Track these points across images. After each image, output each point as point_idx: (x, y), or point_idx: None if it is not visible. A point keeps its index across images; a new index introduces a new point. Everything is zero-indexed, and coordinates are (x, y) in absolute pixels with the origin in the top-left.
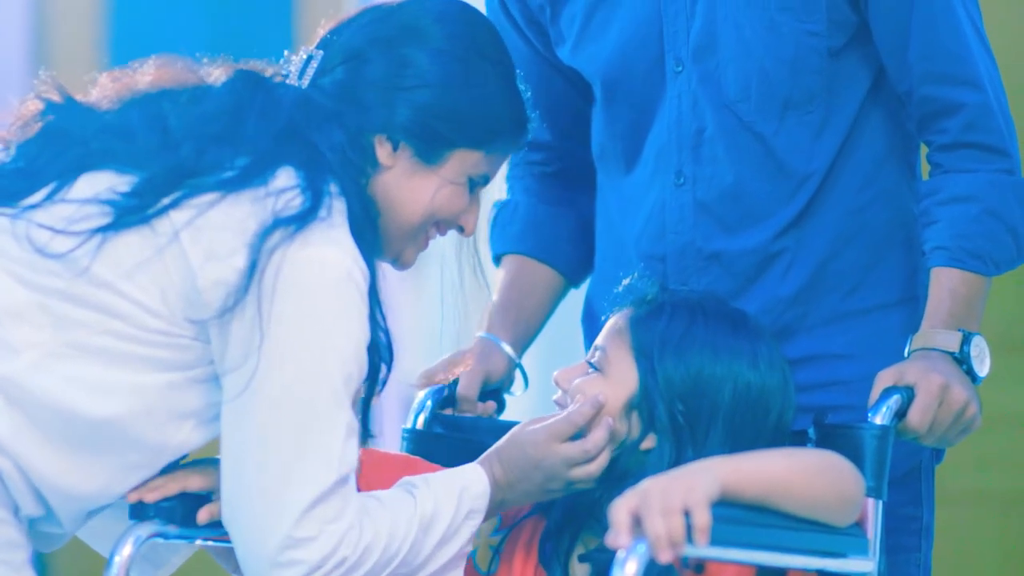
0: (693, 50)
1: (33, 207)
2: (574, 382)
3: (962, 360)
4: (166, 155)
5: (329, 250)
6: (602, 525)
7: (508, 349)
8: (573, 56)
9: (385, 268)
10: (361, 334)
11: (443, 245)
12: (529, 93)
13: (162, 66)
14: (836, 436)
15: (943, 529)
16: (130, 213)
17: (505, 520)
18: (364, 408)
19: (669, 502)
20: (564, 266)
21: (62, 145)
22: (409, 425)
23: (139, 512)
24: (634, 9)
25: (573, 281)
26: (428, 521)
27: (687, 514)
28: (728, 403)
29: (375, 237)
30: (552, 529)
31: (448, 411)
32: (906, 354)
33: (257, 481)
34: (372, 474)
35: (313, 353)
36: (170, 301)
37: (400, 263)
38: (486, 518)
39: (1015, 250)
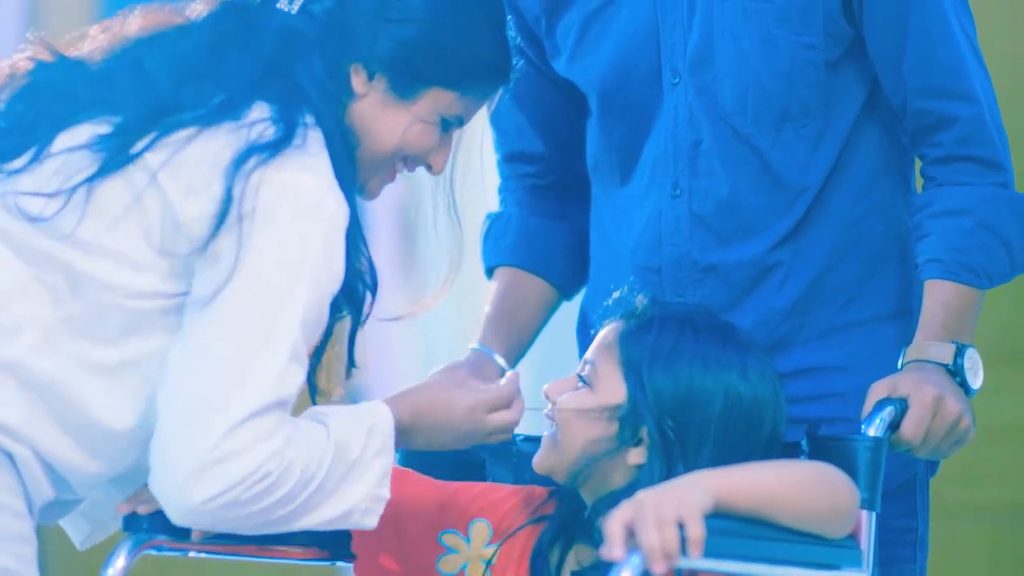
0: (690, 62)
1: (18, 171)
2: (561, 397)
3: (955, 372)
4: (144, 96)
5: (304, 176)
6: (594, 540)
7: (501, 361)
8: (569, 67)
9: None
10: (330, 262)
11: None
12: (518, 40)
13: (149, 12)
14: (829, 448)
15: (937, 541)
16: (112, 156)
17: (498, 533)
18: (351, 339)
19: (663, 514)
20: (557, 279)
21: (50, 101)
22: None
23: (132, 524)
24: (631, 21)
25: (566, 294)
26: (342, 448)
27: (681, 526)
28: (719, 416)
29: (353, 166)
30: (544, 544)
31: None
32: (900, 366)
33: (196, 389)
34: None
35: (279, 277)
36: (154, 243)
37: (365, 193)
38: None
39: (1008, 264)
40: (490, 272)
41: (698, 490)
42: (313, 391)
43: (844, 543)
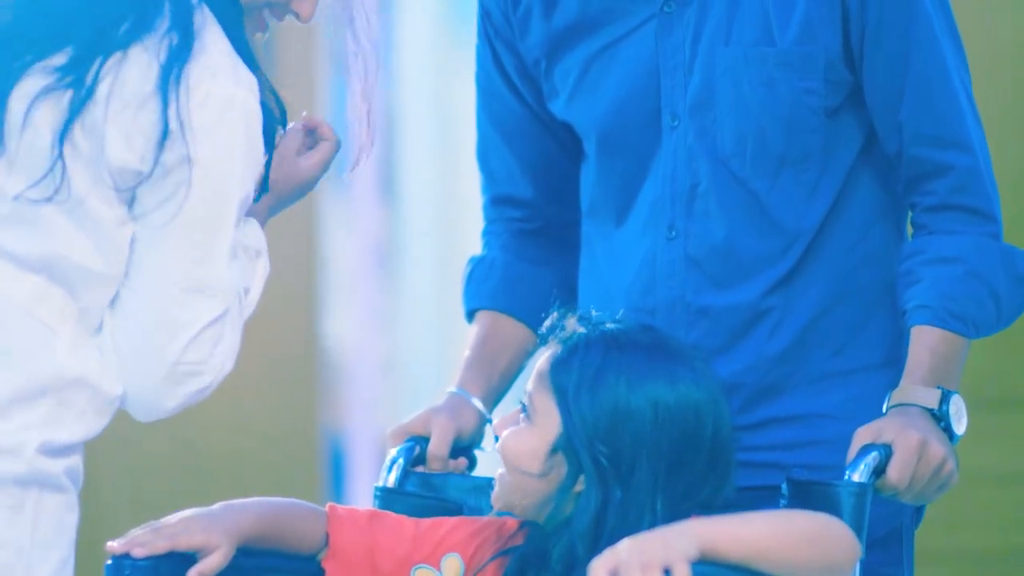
0: (690, 105)
1: None
2: (503, 435)
3: (940, 418)
4: (84, 20)
5: (219, 83)
6: (553, 572)
7: (479, 405)
8: (567, 109)
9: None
10: (255, 154)
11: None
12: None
13: None
14: (813, 493)
15: None
16: (76, 95)
17: (470, 568)
18: (266, 167)
19: (648, 559)
20: (538, 324)
21: None
22: (381, 483)
23: (116, 571)
24: (632, 63)
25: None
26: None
27: (667, 571)
28: (650, 433)
29: (242, 32)
30: None
31: (419, 468)
32: (884, 409)
33: (156, 304)
34: (339, 531)
35: (217, 186)
36: (119, 182)
37: None
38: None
39: (996, 315)
40: (471, 315)
41: (684, 537)
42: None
43: None
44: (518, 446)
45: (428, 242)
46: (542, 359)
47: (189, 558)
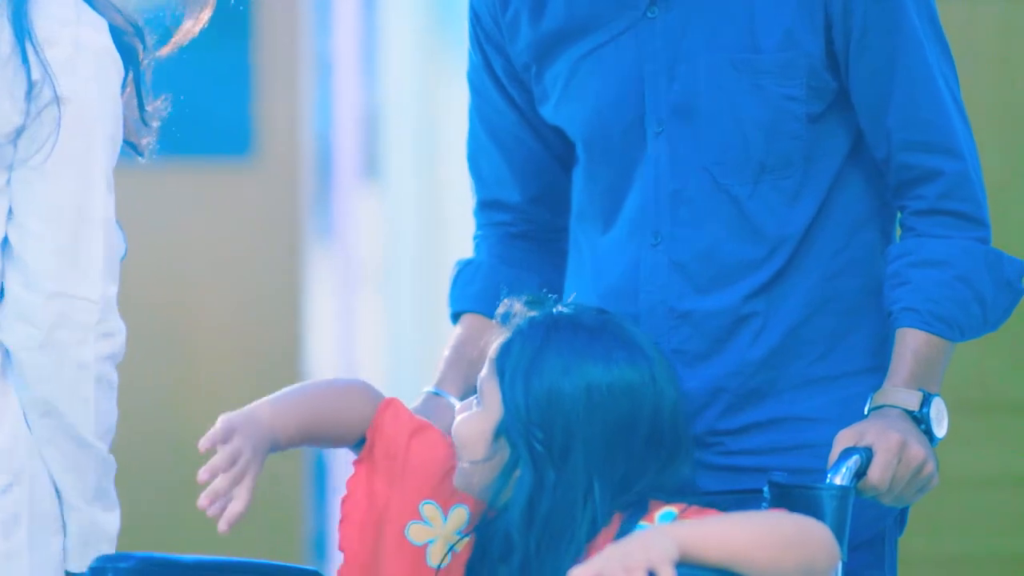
0: (673, 111)
1: None
2: (456, 419)
3: (921, 420)
4: None
5: (68, 27)
6: (510, 567)
7: (455, 403)
8: (556, 114)
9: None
10: (115, 88)
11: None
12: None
13: None
14: (794, 496)
15: None
16: None
17: (473, 522)
18: (138, 84)
19: (630, 562)
20: None
21: None
22: None
23: (98, 574)
24: (616, 69)
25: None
26: None
27: (651, 574)
28: (584, 416)
29: None
30: (475, 556)
31: None
32: (866, 411)
33: (50, 258)
34: (379, 435)
35: (88, 129)
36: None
37: None
38: None
39: (982, 319)
40: (455, 317)
41: (665, 539)
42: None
43: None
44: (466, 431)
45: (411, 245)
46: (494, 343)
47: (165, 562)
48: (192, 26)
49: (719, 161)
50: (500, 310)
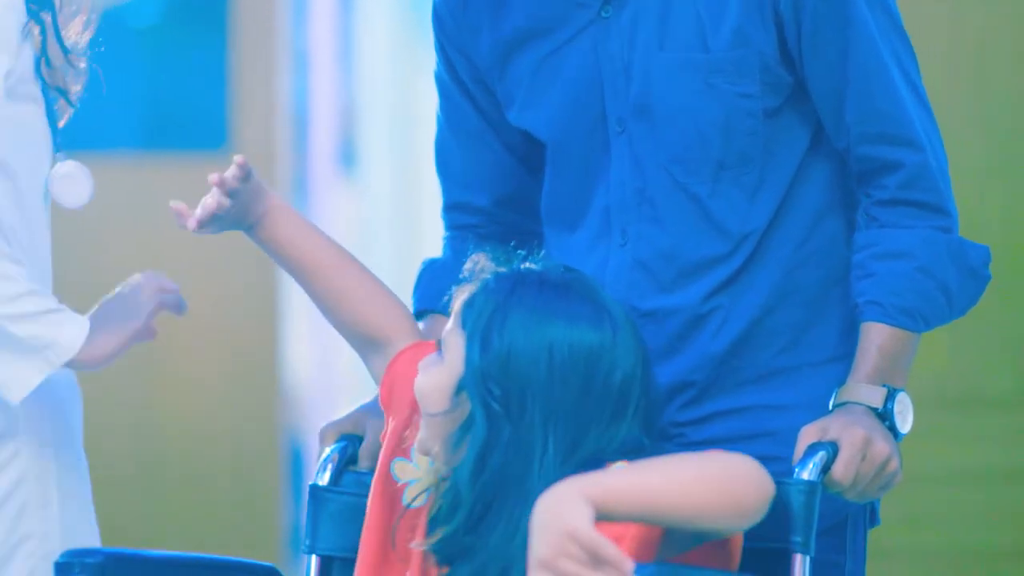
0: (632, 110)
1: None
2: (418, 375)
3: (885, 416)
4: None
5: None
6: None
7: None
8: (521, 117)
9: None
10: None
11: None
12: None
13: None
14: None
15: None
16: None
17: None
18: (56, 27)
19: (553, 541)
20: None
21: None
22: (315, 481)
23: (65, 570)
24: (575, 70)
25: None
26: None
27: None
28: (543, 374)
29: None
30: (434, 512)
31: (351, 468)
32: (830, 407)
33: None
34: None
35: None
36: None
37: None
38: None
39: (947, 308)
40: (419, 316)
41: (572, 502)
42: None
43: None
44: (426, 384)
45: (387, 238)
46: (457, 295)
47: (134, 558)
48: None
49: (677, 160)
50: (467, 266)
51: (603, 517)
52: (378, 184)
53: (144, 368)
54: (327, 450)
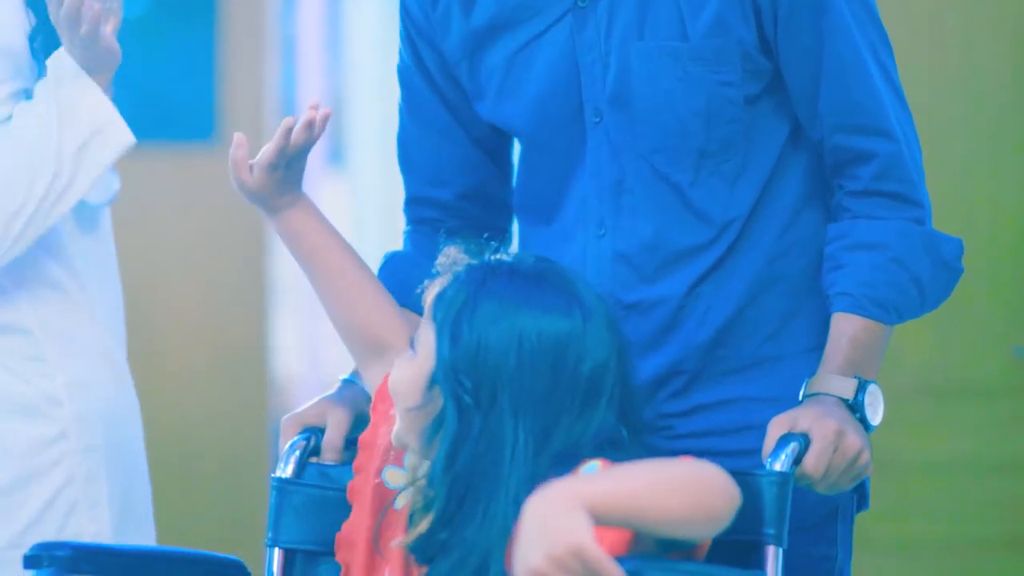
0: (609, 101)
1: None
2: (392, 369)
3: (855, 408)
4: None
5: None
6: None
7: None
8: (495, 109)
9: None
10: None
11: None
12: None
13: None
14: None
15: None
16: None
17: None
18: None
19: (558, 556)
20: None
21: None
22: (278, 474)
23: (34, 562)
24: (551, 60)
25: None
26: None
27: None
28: (513, 366)
29: None
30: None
31: (313, 459)
32: (800, 397)
33: None
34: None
35: None
36: None
37: None
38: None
39: (919, 300)
40: None
41: (569, 517)
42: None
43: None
44: (399, 378)
45: (375, 230)
46: (429, 288)
47: (100, 550)
48: None
49: (658, 149)
50: (440, 260)
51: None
52: (367, 176)
53: (132, 358)
54: (289, 442)
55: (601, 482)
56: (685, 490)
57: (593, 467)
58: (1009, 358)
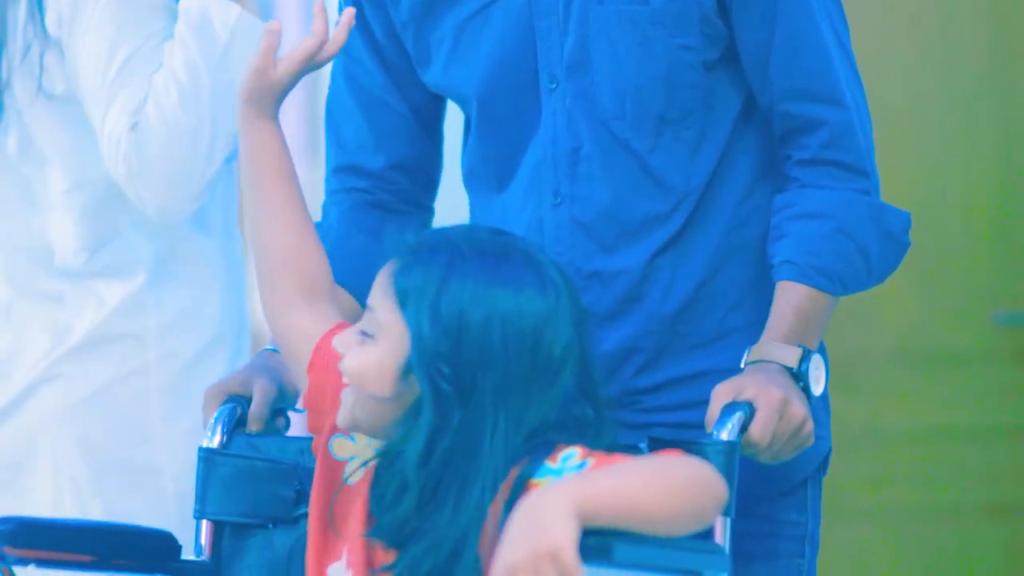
0: (567, 67)
1: None
2: (346, 358)
3: (799, 377)
4: None
5: None
6: (406, 505)
7: None
8: (444, 76)
9: None
10: None
11: None
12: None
13: None
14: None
15: (841, 544)
16: None
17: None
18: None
19: (538, 559)
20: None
21: None
22: (206, 444)
23: None
24: (506, 26)
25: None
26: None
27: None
28: (495, 347)
29: None
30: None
31: (240, 430)
32: (742, 364)
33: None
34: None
35: None
36: None
37: None
38: None
39: (865, 271)
40: None
41: (561, 515)
42: None
43: (710, 547)
44: (363, 366)
45: None
46: (383, 271)
47: (44, 524)
48: None
49: (617, 116)
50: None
51: (586, 524)
52: None
53: None
54: (214, 412)
55: (598, 484)
56: (678, 490)
57: (572, 454)
58: (988, 325)
